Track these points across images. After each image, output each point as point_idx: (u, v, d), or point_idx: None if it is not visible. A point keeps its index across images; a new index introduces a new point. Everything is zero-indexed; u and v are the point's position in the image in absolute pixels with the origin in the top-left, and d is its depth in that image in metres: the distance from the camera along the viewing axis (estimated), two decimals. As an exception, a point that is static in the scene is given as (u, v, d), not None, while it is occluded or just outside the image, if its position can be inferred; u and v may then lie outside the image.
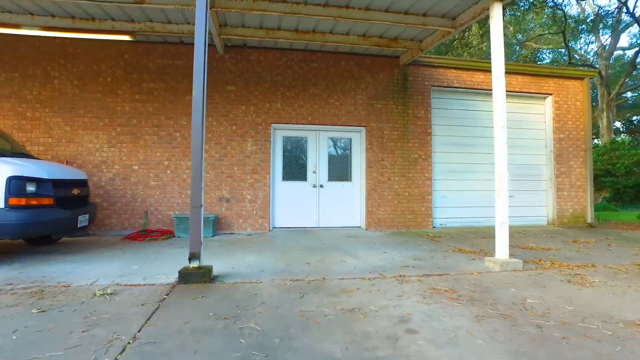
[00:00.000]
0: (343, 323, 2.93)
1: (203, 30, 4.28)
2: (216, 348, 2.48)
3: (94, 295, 3.58)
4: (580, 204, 9.79)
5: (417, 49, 7.93)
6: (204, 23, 4.29)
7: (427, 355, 2.39)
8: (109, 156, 7.80)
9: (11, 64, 7.59)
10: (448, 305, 3.34)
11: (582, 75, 10.03)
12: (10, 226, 4.69)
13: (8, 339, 2.59)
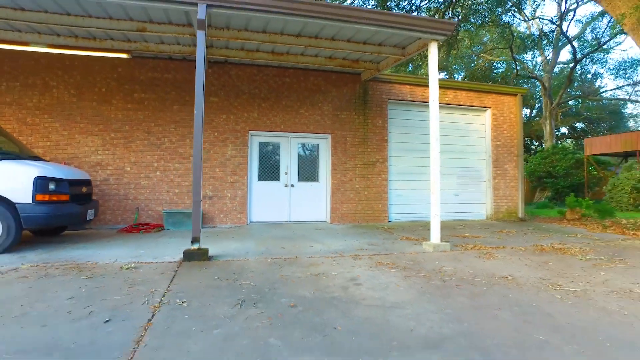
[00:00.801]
0: (311, 281, 4.22)
1: (202, 62, 5.46)
2: (226, 294, 3.71)
3: (121, 268, 4.70)
4: (513, 201, 11.52)
5: (375, 69, 9.34)
6: (202, 58, 5.47)
7: (365, 295, 3.72)
8: (103, 158, 8.75)
9: (12, 74, 8.41)
10: (386, 271, 4.69)
11: (515, 92, 11.79)
12: (37, 218, 5.69)
13: (78, 292, 3.72)
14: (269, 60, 8.71)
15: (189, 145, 9.10)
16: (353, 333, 2.78)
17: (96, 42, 7.78)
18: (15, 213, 5.59)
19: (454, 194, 11.06)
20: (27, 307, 3.22)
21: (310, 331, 2.80)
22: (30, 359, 2.32)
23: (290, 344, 2.59)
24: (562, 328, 2.90)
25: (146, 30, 6.89)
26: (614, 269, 4.84)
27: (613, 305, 3.44)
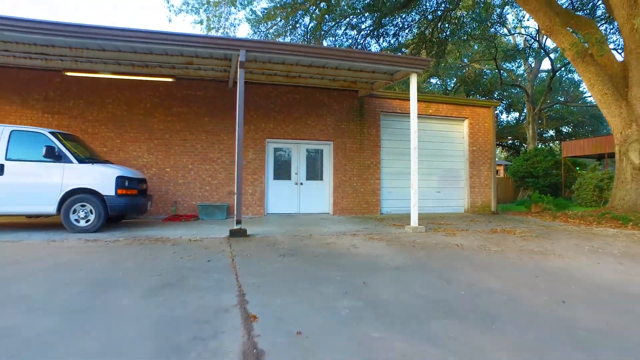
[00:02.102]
0: (324, 246, 6.27)
1: (242, 92, 7.51)
2: (270, 251, 5.76)
3: (189, 240, 6.74)
4: (487, 197, 13.62)
5: (370, 88, 11.42)
6: (243, 89, 7.52)
7: (361, 252, 5.78)
8: (148, 161, 10.79)
9: (78, 94, 10.43)
10: (375, 242, 6.76)
11: (488, 104, 13.89)
12: (118, 206, 7.72)
13: (173, 251, 5.75)
14: (283, 82, 10.77)
15: (217, 150, 11.15)
16: (354, 265, 4.83)
17: (148, 69, 9.82)
18: (103, 203, 7.62)
19: (436, 191, 13.14)
20: (150, 257, 5.26)
21: (328, 265, 4.86)
22: (174, 273, 4.36)
23: (318, 269, 4.64)
24: (475, 264, 4.97)
25: (193, 64, 8.95)
26: (533, 241, 6.93)
27: (513, 255, 5.51)
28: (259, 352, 2.25)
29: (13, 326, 2.64)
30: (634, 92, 9.88)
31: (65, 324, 2.71)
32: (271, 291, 3.59)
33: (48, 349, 2.30)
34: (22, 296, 3.35)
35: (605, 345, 2.44)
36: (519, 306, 3.22)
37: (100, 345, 2.34)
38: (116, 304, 3.17)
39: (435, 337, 2.55)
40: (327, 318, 2.87)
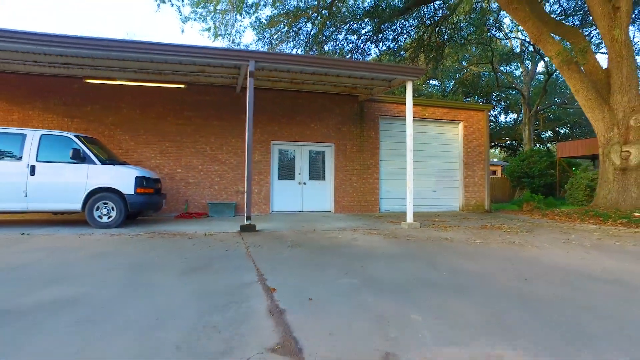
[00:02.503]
0: (327, 240, 6.96)
1: (252, 99, 8.20)
2: (279, 244, 6.45)
3: (204, 234, 7.44)
4: (480, 196, 14.31)
5: (369, 94, 12.12)
6: (252, 97, 8.22)
7: (360, 244, 6.47)
8: (160, 162, 11.48)
9: (95, 99, 11.13)
10: (374, 236, 7.45)
11: (482, 108, 14.58)
12: (137, 204, 8.41)
13: (192, 243, 6.45)
14: (288, 87, 11.46)
15: (225, 152, 11.85)
16: (353, 254, 5.53)
17: (162, 76, 10.52)
18: (124, 200, 8.31)
19: (432, 191, 13.84)
20: (174, 248, 5.96)
21: (331, 254, 5.55)
22: (199, 260, 5.05)
23: (322, 257, 5.33)
24: (460, 253, 5.66)
25: (204, 72, 9.66)
26: (517, 235, 7.62)
27: (496, 247, 6.20)
28: (280, 310, 2.95)
29: (86, 294, 3.34)
30: (615, 98, 10.57)
31: (123, 294, 3.41)
32: (284, 273, 4.28)
33: (118, 309, 2.99)
34: (80, 275, 4.05)
35: (548, 308, 3.13)
36: (489, 282, 3.91)
37: (156, 307, 3.04)
38: (158, 281, 3.86)
39: (417, 301, 3.24)
40: (332, 290, 3.57)
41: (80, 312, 2.89)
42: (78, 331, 2.51)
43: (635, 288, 3.79)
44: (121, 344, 2.31)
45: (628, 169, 10.39)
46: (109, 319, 2.76)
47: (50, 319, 2.73)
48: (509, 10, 11.67)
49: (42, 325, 2.62)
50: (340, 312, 2.95)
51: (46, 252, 5.35)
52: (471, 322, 2.78)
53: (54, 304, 3.04)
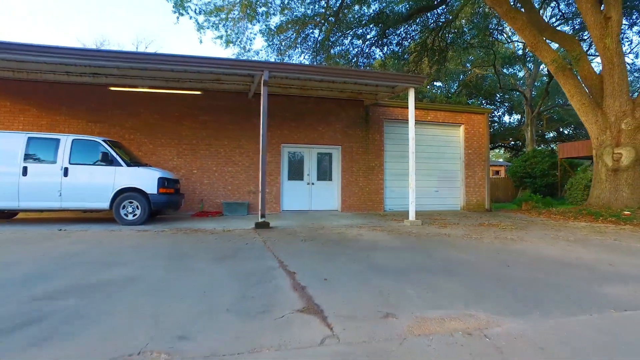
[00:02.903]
0: (336, 235, 7.65)
1: (266, 107, 8.91)
2: (293, 238, 7.15)
3: (223, 230, 8.15)
4: (481, 196, 14.93)
5: (374, 99, 12.80)
6: (266, 104, 8.92)
7: (366, 238, 7.15)
8: (177, 164, 12.22)
9: (116, 104, 11.88)
10: (378, 232, 8.12)
11: (483, 111, 15.21)
12: (159, 203, 9.14)
13: (214, 238, 7.15)
14: (297, 93, 12.17)
15: (238, 154, 12.58)
16: (360, 246, 6.21)
17: (179, 83, 11.26)
18: (147, 200, 9.04)
19: (434, 190, 14.48)
20: (199, 241, 6.67)
21: (340, 246, 6.24)
22: (225, 250, 5.75)
23: (332, 248, 6.02)
24: (455, 246, 6.32)
25: (220, 80, 10.38)
26: (511, 231, 8.27)
27: (488, 241, 6.85)
28: (302, 286, 3.64)
29: (141, 275, 4.06)
30: (607, 103, 11.17)
31: (170, 275, 4.12)
32: (300, 260, 4.98)
33: (171, 285, 3.70)
34: (129, 262, 4.77)
35: (518, 286, 3.79)
36: (475, 268, 4.58)
37: (201, 284, 3.74)
38: (195, 266, 4.57)
39: (412, 280, 3.92)
40: (342, 273, 4.25)
41: (142, 287, 3.61)
42: (147, 298, 3.22)
43: (596, 270, 4.45)
44: (184, 307, 3.02)
45: (619, 169, 10.98)
46: (167, 291, 3.47)
47: (122, 291, 3.44)
48: (507, 19, 12.29)
49: (119, 295, 3.33)
50: (349, 288, 3.63)
51: (90, 244, 6.08)
52: (454, 294, 3.46)
53: (119, 282, 3.76)
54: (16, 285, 3.57)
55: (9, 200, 8.50)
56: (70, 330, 2.51)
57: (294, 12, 17.48)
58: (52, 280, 3.77)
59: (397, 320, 2.77)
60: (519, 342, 2.39)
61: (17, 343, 2.31)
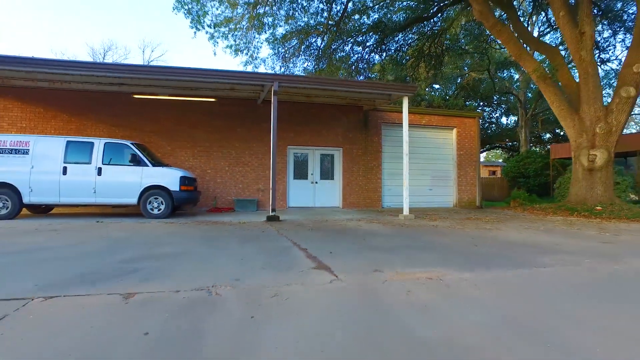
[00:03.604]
0: (338, 226, 8.82)
1: (275, 115, 10.09)
2: (301, 229, 8.32)
3: (239, 222, 9.32)
4: (472, 194, 16.09)
5: (372, 105, 13.98)
6: (276, 112, 10.10)
7: (364, 229, 8.32)
8: (193, 164, 13.41)
9: (137, 110, 13.07)
10: (375, 224, 9.29)
11: (474, 115, 16.38)
12: (181, 199, 10.32)
13: (234, 228, 8.33)
14: (302, 100, 13.35)
15: (248, 155, 13.77)
16: (359, 234, 7.37)
17: (196, 91, 12.45)
18: (170, 196, 10.22)
19: (428, 189, 15.65)
20: (221, 230, 7.85)
21: (342, 234, 7.41)
22: (246, 237, 6.92)
23: (335, 235, 7.19)
24: (439, 233, 7.48)
25: (234, 89, 11.57)
26: (492, 224, 9.43)
27: (469, 230, 8.01)
28: (313, 256, 4.82)
29: (187, 251, 5.24)
30: (584, 109, 12.32)
31: (211, 251, 5.29)
32: (309, 242, 6.15)
33: (214, 257, 4.86)
34: (172, 243, 5.94)
35: (478, 257, 4.95)
36: (449, 247, 5.75)
37: (237, 256, 4.90)
38: (227, 246, 5.74)
39: (397, 254, 5.09)
40: (343, 250, 5.42)
41: (193, 257, 4.79)
42: (202, 263, 4.40)
43: (543, 248, 5.62)
44: (231, 267, 4.20)
45: (594, 169, 12.13)
46: (213, 259, 4.65)
47: (181, 259, 4.62)
48: (493, 32, 13.47)
49: (180, 260, 4.51)
50: (349, 258, 4.80)
51: (131, 232, 7.27)
52: (426, 261, 4.64)
53: (174, 254, 4.94)
54: (101, 255, 4.76)
55: (52, 196, 9.70)
56: (160, 276, 3.69)
57: (297, 22, 18.68)
58: (123, 253, 4.95)
59: (382, 273, 3.94)
60: (462, 283, 3.57)
61: (131, 281, 3.49)
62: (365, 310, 2.81)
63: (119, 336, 2.29)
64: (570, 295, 3.32)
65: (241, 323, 2.53)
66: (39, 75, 10.27)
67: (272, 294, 3.15)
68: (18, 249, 5.21)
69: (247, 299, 3.01)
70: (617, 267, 4.37)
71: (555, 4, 12.27)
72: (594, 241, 6.42)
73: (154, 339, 2.25)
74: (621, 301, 3.18)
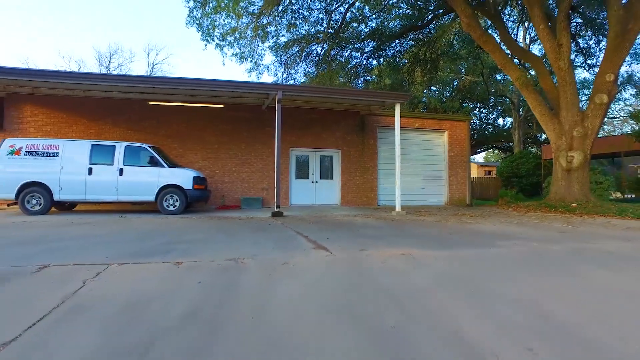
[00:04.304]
0: (336, 219, 9.92)
1: (280, 120, 11.19)
2: (303, 222, 9.42)
3: (247, 217, 10.42)
4: (462, 193, 17.18)
5: (368, 110, 15.08)
6: (280, 119, 11.21)
7: (359, 222, 9.43)
8: (202, 165, 14.52)
9: (151, 115, 14.18)
10: (369, 218, 10.39)
11: (464, 119, 17.48)
12: (194, 197, 11.42)
13: (242, 222, 9.44)
14: (303, 106, 14.46)
15: (253, 157, 14.87)
16: (354, 227, 8.47)
17: (206, 98, 13.55)
18: (184, 194, 11.32)
19: (421, 188, 16.75)
20: (232, 224, 8.95)
21: (339, 226, 8.50)
22: (255, 228, 8.02)
23: (334, 227, 8.28)
24: (424, 225, 8.56)
25: (241, 97, 12.68)
26: (474, 218, 10.52)
27: (451, 224, 9.09)
28: (313, 240, 5.92)
29: (208, 238, 6.35)
30: (562, 114, 13.41)
31: (228, 238, 6.39)
32: (310, 232, 7.24)
33: (231, 241, 5.96)
34: (194, 232, 7.05)
35: (449, 241, 6.03)
36: (427, 235, 6.85)
37: (250, 241, 6.00)
38: (241, 235, 6.84)
39: (383, 239, 6.19)
40: (338, 237, 6.52)
41: (215, 243, 5.89)
42: (223, 245, 5.51)
43: (506, 236, 6.70)
44: (247, 248, 5.30)
45: (572, 170, 13.22)
46: (232, 243, 5.76)
47: (206, 243, 5.73)
48: (480, 42, 14.56)
49: (205, 244, 5.61)
50: (343, 242, 5.90)
51: (154, 224, 8.38)
52: (405, 244, 5.74)
53: (199, 240, 6.04)
54: (141, 240, 5.88)
55: (79, 194, 10.81)
56: (195, 252, 4.81)
57: (299, 30, 19.79)
58: (157, 239, 6.06)
59: (367, 251, 5.05)
60: (426, 257, 4.68)
61: (174, 255, 4.60)
62: (349, 272, 3.92)
63: (181, 283, 3.41)
64: (504, 265, 4.43)
65: (262, 278, 3.64)
66: (72, 85, 11.38)
67: (282, 262, 4.27)
68: (72, 236, 6.32)
69: (264, 266, 4.12)
70: (554, 248, 5.48)
71: (535, 18, 13.36)
72: (553, 231, 7.52)
73: (206, 285, 3.36)
74: (539, 269, 4.28)
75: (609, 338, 2.51)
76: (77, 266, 3.90)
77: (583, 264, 4.48)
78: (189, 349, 2.27)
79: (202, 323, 2.63)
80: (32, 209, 10.47)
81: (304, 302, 3.08)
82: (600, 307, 3.10)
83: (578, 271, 4.18)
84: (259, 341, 2.38)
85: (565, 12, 13.06)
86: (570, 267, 4.39)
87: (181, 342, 2.36)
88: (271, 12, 17.28)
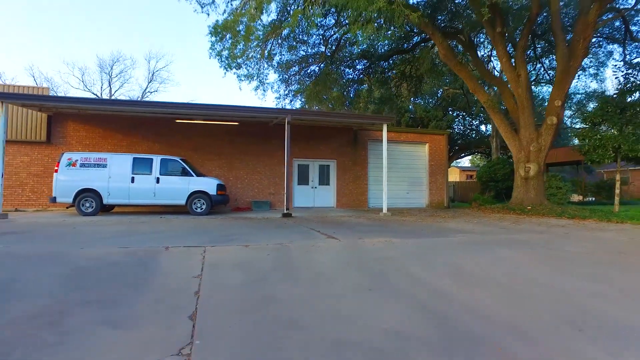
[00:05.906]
0: (334, 219, 12.46)
1: (289, 140, 13.70)
2: (309, 221, 11.94)
3: (263, 218, 12.90)
4: (441, 196, 19.86)
5: (361, 128, 17.68)
6: (289, 139, 13.73)
7: (352, 221, 11.98)
8: (218, 173, 16.94)
9: (175, 131, 16.55)
10: (360, 219, 12.94)
11: (442, 133, 20.20)
12: (217, 200, 13.88)
13: (260, 221, 11.93)
14: (305, 124, 17.02)
15: (261, 166, 17.37)
16: (349, 225, 11.01)
17: (224, 117, 16.00)
18: (210, 198, 13.76)
19: (406, 192, 19.38)
20: (253, 222, 11.44)
21: (338, 225, 11.03)
22: (275, 225, 10.51)
23: (333, 225, 10.81)
24: (404, 224, 11.13)
25: (255, 117, 15.18)
26: (443, 218, 13.13)
27: (425, 222, 11.68)
28: (324, 233, 8.45)
29: (247, 232, 8.84)
30: (522, 132, 16.15)
31: (262, 232, 8.87)
32: (320, 228, 9.73)
33: (263, 234, 8.44)
34: (232, 228, 9.52)
35: (418, 233, 8.58)
36: (405, 229, 9.41)
37: (277, 235, 8.47)
38: (270, 230, 9.33)
39: (373, 233, 8.74)
40: (339, 231, 9.03)
41: (256, 235, 8.38)
42: (265, 237, 8.00)
43: (461, 230, 9.28)
44: (282, 238, 7.79)
45: (529, 178, 15.95)
46: (269, 235, 8.25)
47: (250, 235, 8.22)
48: (456, 70, 17.26)
49: (252, 236, 8.09)
50: (344, 234, 8.42)
51: (194, 224, 10.81)
52: (388, 235, 8.30)
53: (244, 233, 8.52)
54: (207, 234, 8.33)
55: (124, 199, 13.21)
56: (251, 240, 7.30)
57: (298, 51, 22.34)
58: (211, 233, 8.52)
59: (362, 239, 7.59)
60: (400, 242, 7.25)
61: (239, 241, 7.08)
62: (351, 250, 6.48)
63: (258, 255, 5.92)
64: (448, 247, 7.02)
65: (303, 253, 6.18)
66: (116, 109, 13.76)
67: (310, 245, 6.80)
68: (147, 231, 8.76)
69: (301, 247, 6.64)
70: (487, 238, 8.09)
71: (499, 52, 16.10)
72: (496, 228, 10.17)
73: (273, 256, 5.89)
74: (469, 249, 6.87)
75: (493, 275, 5.09)
76: (186, 247, 6.37)
77: (497, 247, 7.08)
78: (284, 277, 4.80)
79: (283, 269, 5.17)
80: (86, 210, 12.82)
81: (330, 262, 5.63)
82: (493, 265, 5.70)
83: (491, 250, 6.78)
84: (311, 275, 4.93)
85: (522, 49, 15.83)
86: (488, 248, 6.99)
87: (279, 275, 4.89)
88: (275, 39, 19.78)
